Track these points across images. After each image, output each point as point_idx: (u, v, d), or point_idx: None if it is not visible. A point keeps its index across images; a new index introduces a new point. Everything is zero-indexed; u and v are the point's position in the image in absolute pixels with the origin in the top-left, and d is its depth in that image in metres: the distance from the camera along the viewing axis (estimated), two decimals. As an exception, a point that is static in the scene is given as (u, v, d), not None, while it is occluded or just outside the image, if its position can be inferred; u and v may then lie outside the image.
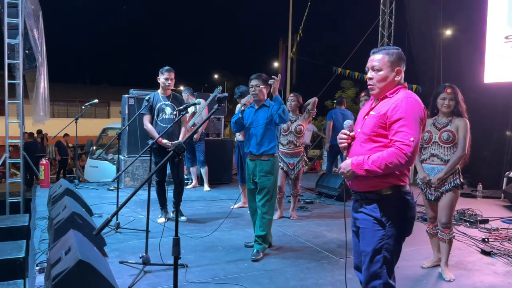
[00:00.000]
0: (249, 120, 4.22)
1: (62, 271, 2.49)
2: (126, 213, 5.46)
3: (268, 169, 4.09)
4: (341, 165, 2.36)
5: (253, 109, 4.25)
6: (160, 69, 5.19)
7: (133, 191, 2.11)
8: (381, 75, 2.33)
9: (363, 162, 2.22)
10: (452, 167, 3.56)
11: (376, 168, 2.19)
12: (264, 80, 4.14)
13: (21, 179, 7.56)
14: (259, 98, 4.16)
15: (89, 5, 46.90)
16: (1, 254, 4.17)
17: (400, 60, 2.34)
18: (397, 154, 2.15)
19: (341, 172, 2.35)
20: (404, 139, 2.16)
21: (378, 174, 2.21)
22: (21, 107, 7.45)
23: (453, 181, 3.57)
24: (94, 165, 10.54)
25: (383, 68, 2.32)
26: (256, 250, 4.07)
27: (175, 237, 2.18)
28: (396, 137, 2.19)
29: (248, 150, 4.22)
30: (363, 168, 2.22)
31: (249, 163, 4.23)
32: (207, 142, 7.68)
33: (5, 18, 7.15)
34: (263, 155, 4.10)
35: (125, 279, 3.41)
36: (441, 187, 3.60)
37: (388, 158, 2.16)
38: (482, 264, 4.04)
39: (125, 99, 7.65)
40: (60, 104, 30.21)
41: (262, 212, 4.10)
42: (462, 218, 5.57)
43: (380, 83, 2.33)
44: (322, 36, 31.11)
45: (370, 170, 2.20)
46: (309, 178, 9.16)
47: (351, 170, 2.27)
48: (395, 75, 2.32)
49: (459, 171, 3.61)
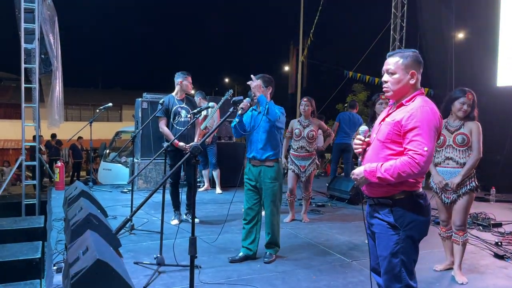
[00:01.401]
0: (251, 124, 4.04)
1: (80, 270, 2.53)
2: (140, 215, 5.52)
3: (274, 175, 3.99)
4: (354, 171, 2.37)
5: (255, 112, 4.06)
6: (178, 72, 5.29)
7: (150, 193, 2.16)
8: (395, 78, 2.34)
9: (376, 170, 2.24)
10: (470, 170, 3.56)
11: (388, 176, 2.20)
12: (266, 81, 3.99)
13: (37, 181, 7.69)
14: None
15: (102, 9, 47.38)
16: (17, 255, 4.27)
17: (415, 63, 2.34)
18: (410, 163, 2.16)
19: (354, 178, 2.36)
20: (417, 149, 2.17)
21: (391, 182, 2.22)
22: (37, 111, 7.59)
23: (469, 183, 3.57)
24: (107, 168, 10.66)
25: (397, 71, 2.33)
26: (268, 253, 4.08)
27: (192, 236, 2.22)
28: (410, 146, 2.20)
29: (251, 155, 4.05)
30: (376, 176, 2.23)
31: (252, 168, 4.06)
32: (219, 145, 7.74)
33: (22, 23, 7.31)
34: (267, 160, 3.98)
35: (140, 279, 3.47)
36: (458, 190, 3.60)
37: (401, 167, 2.17)
38: (495, 267, 4.03)
39: (139, 103, 7.75)
40: (73, 108, 30.54)
41: (271, 218, 4.04)
42: (475, 222, 5.54)
43: (394, 86, 2.35)
44: (333, 39, 30.98)
45: (383, 178, 2.22)
46: (320, 181, 9.17)
47: (364, 176, 2.29)
48: (410, 78, 2.32)
49: (474, 174, 3.61)
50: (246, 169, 4.15)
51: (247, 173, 4.12)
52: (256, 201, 4.08)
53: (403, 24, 11.89)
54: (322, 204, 6.80)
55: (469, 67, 9.04)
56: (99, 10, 46.68)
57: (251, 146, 4.05)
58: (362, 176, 2.30)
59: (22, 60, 7.40)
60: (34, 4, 7.32)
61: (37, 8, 7.33)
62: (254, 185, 4.06)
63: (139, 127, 7.50)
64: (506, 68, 8.12)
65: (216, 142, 7.56)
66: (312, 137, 5.43)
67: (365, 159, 2.42)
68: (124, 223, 2.10)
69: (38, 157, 7.60)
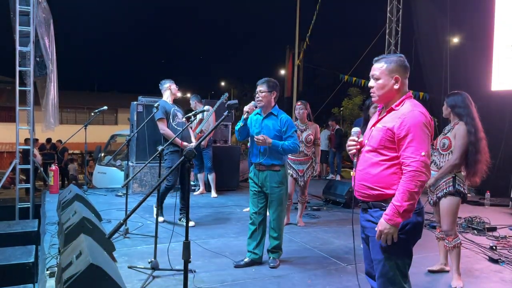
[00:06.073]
0: (257, 129, 4.01)
1: (73, 274, 2.52)
2: (135, 219, 5.49)
3: (281, 179, 3.98)
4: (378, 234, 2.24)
5: (260, 117, 4.04)
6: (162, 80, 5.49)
7: (144, 196, 2.15)
8: (379, 83, 2.36)
9: (395, 208, 2.18)
10: (441, 174, 3.60)
11: (410, 202, 2.16)
12: (271, 86, 3.95)
13: (31, 185, 7.64)
14: (264, 104, 3.96)
15: (98, 12, 47.34)
16: (11, 259, 4.22)
17: (400, 68, 2.34)
18: (415, 175, 2.16)
19: (385, 240, 2.22)
20: (415, 155, 2.18)
21: (414, 205, 2.19)
22: (31, 114, 7.55)
23: (446, 188, 3.58)
24: (102, 171, 10.60)
25: (381, 77, 2.35)
26: (273, 258, 4.07)
27: (185, 241, 2.21)
28: (407, 152, 2.20)
29: (257, 160, 3.98)
30: (401, 212, 2.17)
31: (257, 173, 4.01)
32: (215, 149, 7.73)
33: (17, 26, 7.27)
34: (274, 165, 3.95)
35: (134, 283, 3.45)
36: (437, 193, 3.65)
37: (411, 185, 2.16)
38: (489, 271, 4.04)
39: (134, 106, 7.73)
40: (68, 111, 30.47)
41: (278, 222, 4.04)
42: (470, 226, 5.55)
43: (379, 91, 2.37)
44: (329, 43, 31.14)
45: (408, 209, 2.17)
46: (316, 185, 9.16)
47: (390, 225, 2.19)
48: (394, 83, 2.33)
49: (458, 179, 3.58)
50: (250, 174, 4.11)
51: (252, 177, 4.08)
52: (262, 205, 4.05)
53: (398, 29, 11.96)
54: (317, 208, 6.80)
55: (464, 71, 9.09)
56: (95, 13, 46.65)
57: (257, 151, 3.96)
58: (388, 227, 2.19)
59: (17, 62, 7.36)
60: (29, 7, 7.29)
61: (32, 10, 7.30)
62: (260, 190, 4.02)
63: (134, 130, 7.48)
64: (500, 72, 8.16)
65: (211, 145, 7.55)
66: (310, 141, 5.43)
67: (358, 164, 2.43)
68: (117, 227, 2.09)
69: (33, 160, 7.55)
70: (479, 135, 3.54)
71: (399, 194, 2.19)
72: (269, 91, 3.94)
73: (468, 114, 3.58)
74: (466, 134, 3.52)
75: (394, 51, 11.77)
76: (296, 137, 3.99)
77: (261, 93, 3.94)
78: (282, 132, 3.94)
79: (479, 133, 3.54)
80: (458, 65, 9.28)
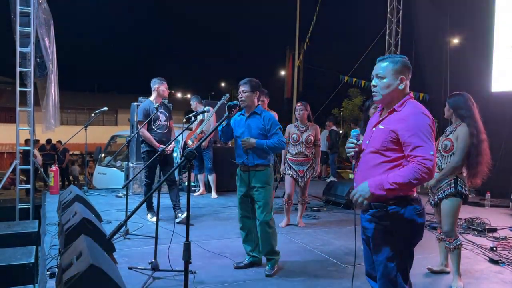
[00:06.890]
0: (240, 129, 3.92)
1: (74, 275, 2.52)
2: (135, 220, 5.49)
3: (266, 179, 3.86)
4: (355, 191, 2.27)
5: (243, 117, 3.95)
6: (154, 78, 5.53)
7: (145, 197, 2.15)
8: (384, 82, 2.34)
9: (383, 182, 2.18)
10: (443, 175, 3.60)
11: (398, 186, 2.15)
12: (254, 86, 3.86)
13: (31, 186, 7.64)
14: (247, 104, 3.86)
15: (98, 13, 47.41)
16: (11, 260, 4.22)
17: (405, 68, 2.34)
18: (420, 169, 2.14)
19: (356, 199, 2.24)
20: (424, 154, 2.16)
21: (400, 192, 2.19)
22: (32, 114, 7.55)
23: (447, 189, 3.59)
24: (102, 172, 10.60)
25: (387, 76, 2.34)
26: (270, 265, 3.88)
27: (186, 241, 2.21)
28: (416, 152, 2.18)
29: (241, 161, 3.90)
30: (384, 188, 2.17)
31: (242, 174, 3.91)
32: (215, 150, 7.73)
33: (17, 26, 7.28)
34: (258, 165, 3.83)
35: (134, 284, 3.44)
36: (438, 194, 3.66)
37: (412, 175, 2.14)
38: (490, 272, 4.04)
39: (134, 107, 7.73)
40: (69, 112, 30.48)
41: (266, 226, 3.84)
42: (470, 227, 5.55)
43: (383, 90, 2.35)
44: (329, 44, 31.20)
45: (392, 189, 2.16)
46: (316, 185, 9.16)
47: (370, 192, 2.20)
48: (399, 83, 2.33)
49: (459, 181, 3.58)
50: (237, 176, 4.01)
51: (237, 179, 3.99)
52: (250, 208, 3.97)
53: (399, 30, 11.97)
54: (317, 209, 6.80)
55: (464, 72, 9.08)
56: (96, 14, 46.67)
57: (241, 152, 3.88)
58: (368, 192, 2.20)
59: (17, 63, 7.37)
60: (29, 7, 7.30)
61: (32, 11, 7.31)
62: (246, 193, 3.92)
63: (134, 131, 7.48)
64: (500, 73, 8.16)
65: (212, 146, 7.55)
66: (310, 142, 5.42)
67: (359, 166, 2.42)
68: (118, 228, 2.09)
69: (33, 161, 7.55)
70: (481, 137, 3.54)
71: (396, 174, 2.18)
72: (251, 91, 3.86)
73: (471, 116, 3.58)
74: (468, 136, 3.52)
75: (394, 52, 11.78)
76: (281, 134, 3.91)
77: (244, 93, 3.86)
78: (267, 130, 3.85)
79: (481, 135, 3.54)
80: (458, 66, 9.29)
